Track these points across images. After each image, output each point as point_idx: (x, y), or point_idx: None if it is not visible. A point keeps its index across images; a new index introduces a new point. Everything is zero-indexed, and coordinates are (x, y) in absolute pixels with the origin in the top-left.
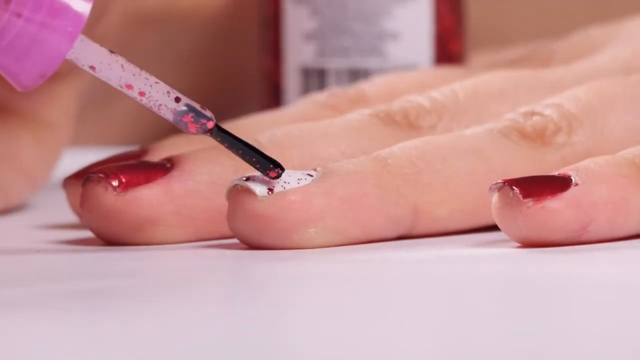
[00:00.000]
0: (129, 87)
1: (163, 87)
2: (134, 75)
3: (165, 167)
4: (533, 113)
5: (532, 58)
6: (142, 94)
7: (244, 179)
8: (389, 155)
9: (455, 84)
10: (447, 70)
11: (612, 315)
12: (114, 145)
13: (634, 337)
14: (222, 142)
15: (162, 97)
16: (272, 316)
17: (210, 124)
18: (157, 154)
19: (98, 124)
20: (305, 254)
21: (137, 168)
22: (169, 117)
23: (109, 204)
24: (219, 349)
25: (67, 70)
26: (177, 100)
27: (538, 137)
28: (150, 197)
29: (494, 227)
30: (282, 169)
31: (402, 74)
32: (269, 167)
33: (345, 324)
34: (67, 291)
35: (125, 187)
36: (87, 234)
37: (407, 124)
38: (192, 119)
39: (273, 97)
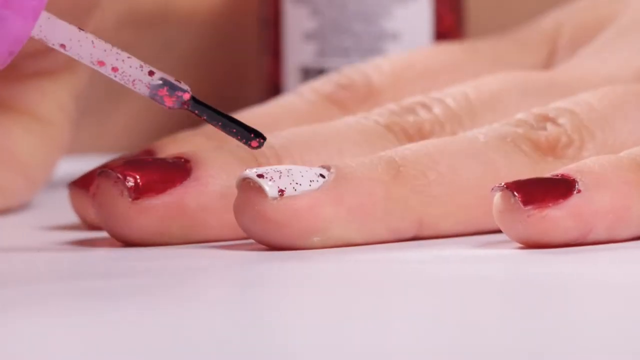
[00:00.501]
0: (101, 63)
1: (135, 61)
2: (105, 51)
3: (183, 168)
4: (547, 118)
5: (538, 31)
6: (115, 69)
7: (257, 173)
8: (402, 161)
9: (469, 88)
10: (451, 52)
11: (612, 315)
12: (114, 152)
13: (634, 337)
14: (199, 114)
15: (136, 72)
16: (273, 316)
17: (187, 96)
18: (164, 153)
19: (98, 131)
20: (307, 254)
21: (154, 167)
22: (144, 91)
23: (122, 209)
24: (219, 349)
25: (60, 68)
26: (151, 73)
27: (550, 149)
28: (162, 209)
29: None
30: (264, 138)
31: (407, 59)
32: (250, 137)
33: (346, 324)
34: (68, 291)
35: (140, 192)
36: (89, 235)
37: (420, 137)
38: (167, 92)
39: (273, 97)
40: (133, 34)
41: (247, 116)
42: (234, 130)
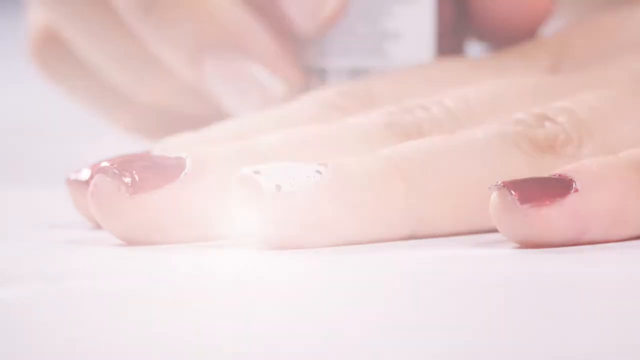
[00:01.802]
0: None
1: None
2: None
3: (180, 164)
4: (545, 117)
5: (542, 46)
6: None
7: (253, 170)
8: (401, 158)
9: (469, 90)
10: (453, 63)
11: (612, 315)
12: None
13: (634, 337)
14: None
15: None
16: (272, 316)
17: None
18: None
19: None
20: (303, 253)
21: (151, 163)
22: None
23: (119, 204)
24: (219, 349)
25: None
26: None
27: (548, 147)
28: (160, 204)
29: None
30: None
31: (409, 69)
32: None
33: (344, 323)
34: (66, 290)
35: (137, 188)
36: (91, 235)
37: (419, 136)
38: None
39: None
40: None
41: (246, 120)
42: None
